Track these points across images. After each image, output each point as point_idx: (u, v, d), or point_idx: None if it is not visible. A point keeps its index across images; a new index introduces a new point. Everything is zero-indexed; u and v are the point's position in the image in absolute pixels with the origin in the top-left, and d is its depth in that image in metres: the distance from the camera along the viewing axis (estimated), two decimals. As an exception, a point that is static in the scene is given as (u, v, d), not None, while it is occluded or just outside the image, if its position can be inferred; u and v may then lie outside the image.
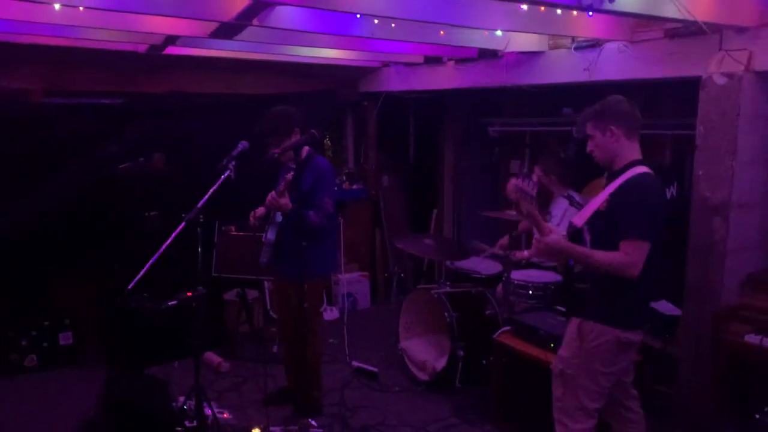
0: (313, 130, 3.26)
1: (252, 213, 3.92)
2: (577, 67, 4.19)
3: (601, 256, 2.69)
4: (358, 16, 3.50)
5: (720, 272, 3.49)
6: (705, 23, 3.19)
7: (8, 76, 4.72)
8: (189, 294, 3.26)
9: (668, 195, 4.36)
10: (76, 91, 5.06)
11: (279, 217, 3.78)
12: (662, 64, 3.74)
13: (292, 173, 3.58)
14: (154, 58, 4.89)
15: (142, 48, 4.70)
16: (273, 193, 3.53)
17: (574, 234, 2.86)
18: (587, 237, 2.82)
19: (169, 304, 3.18)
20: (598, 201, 2.83)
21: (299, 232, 3.62)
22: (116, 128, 5.10)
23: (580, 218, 2.87)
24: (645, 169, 2.77)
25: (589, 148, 2.89)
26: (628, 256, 2.64)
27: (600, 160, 2.88)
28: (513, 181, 2.74)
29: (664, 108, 4.57)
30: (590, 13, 3.50)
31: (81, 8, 3.22)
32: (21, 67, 4.75)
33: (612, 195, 2.76)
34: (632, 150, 2.81)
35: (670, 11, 3.09)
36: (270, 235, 3.83)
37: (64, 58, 4.73)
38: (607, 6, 2.83)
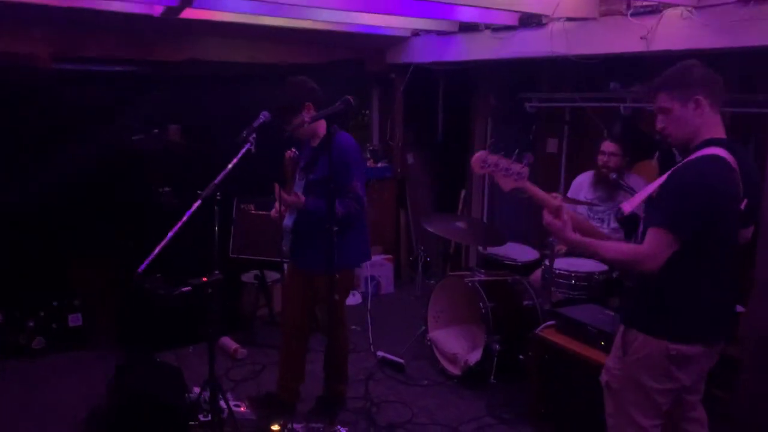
0: (348, 97, 2.82)
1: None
2: (632, 35, 3.79)
3: (608, 248, 2.35)
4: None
5: (796, 267, 3.13)
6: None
7: (14, 39, 4.39)
8: (204, 279, 2.96)
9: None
10: (87, 57, 4.72)
11: None
12: (733, 32, 3.32)
13: (293, 151, 3.22)
14: (171, 24, 4.55)
15: (157, 11, 4.37)
16: (282, 192, 3.25)
17: (624, 221, 2.48)
18: (641, 226, 2.41)
19: (183, 290, 2.88)
20: (653, 186, 2.39)
21: (315, 220, 3.28)
22: (130, 98, 4.80)
23: (630, 204, 2.46)
24: (716, 151, 2.26)
25: (660, 125, 2.40)
26: (644, 245, 2.25)
27: (675, 139, 2.39)
28: (478, 155, 2.44)
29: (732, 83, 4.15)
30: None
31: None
32: (28, 30, 4.41)
33: (666, 178, 2.32)
34: (713, 126, 2.33)
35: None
36: (288, 221, 3.52)
37: (75, 21, 4.40)
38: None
